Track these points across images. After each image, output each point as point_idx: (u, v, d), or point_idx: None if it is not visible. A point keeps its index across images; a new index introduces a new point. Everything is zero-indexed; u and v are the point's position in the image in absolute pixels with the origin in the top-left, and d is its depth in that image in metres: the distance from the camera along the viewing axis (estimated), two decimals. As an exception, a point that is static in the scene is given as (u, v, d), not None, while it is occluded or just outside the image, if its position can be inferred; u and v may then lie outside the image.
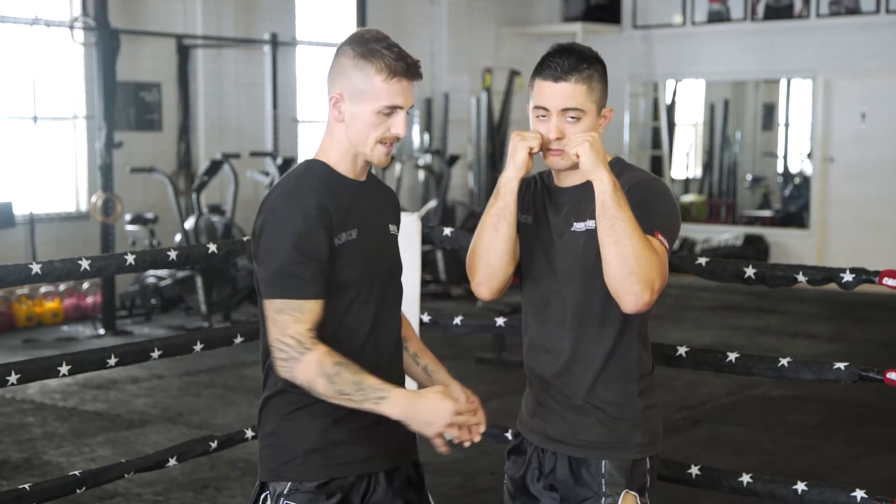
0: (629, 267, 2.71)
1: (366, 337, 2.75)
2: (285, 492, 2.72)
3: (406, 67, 2.68)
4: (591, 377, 2.91)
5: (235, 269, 10.27)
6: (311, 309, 2.63)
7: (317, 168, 2.75)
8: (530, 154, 2.86)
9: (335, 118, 2.74)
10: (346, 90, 2.70)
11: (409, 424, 2.62)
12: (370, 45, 2.68)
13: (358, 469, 2.74)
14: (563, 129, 2.85)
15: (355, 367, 2.61)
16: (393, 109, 2.69)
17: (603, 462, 2.90)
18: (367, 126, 2.70)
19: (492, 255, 2.90)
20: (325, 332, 2.69)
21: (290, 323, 2.62)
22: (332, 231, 2.66)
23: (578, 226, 2.90)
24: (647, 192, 2.85)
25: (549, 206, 2.97)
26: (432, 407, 2.60)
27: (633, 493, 2.90)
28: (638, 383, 2.95)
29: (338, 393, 2.60)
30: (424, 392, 2.63)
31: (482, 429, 2.73)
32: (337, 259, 2.68)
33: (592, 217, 2.87)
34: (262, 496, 2.78)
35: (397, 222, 2.93)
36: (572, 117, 2.85)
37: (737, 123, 16.46)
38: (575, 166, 2.89)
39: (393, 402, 2.60)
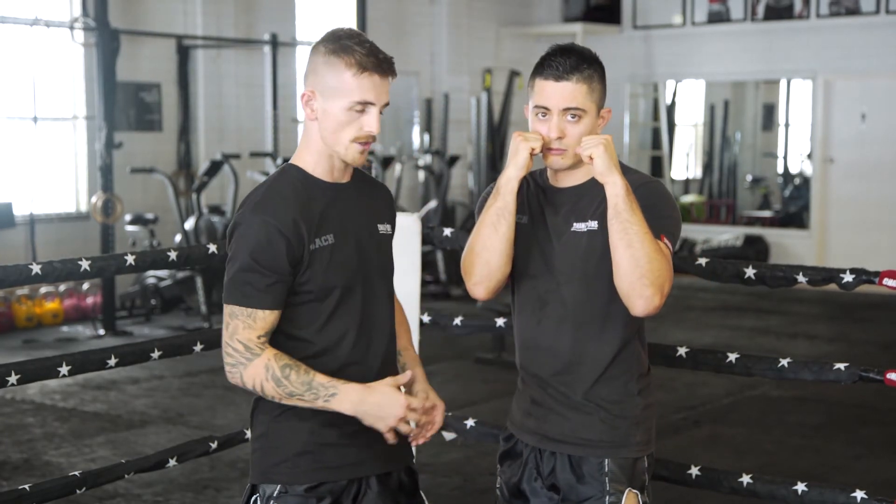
0: (641, 270, 2.72)
1: (355, 340, 2.73)
2: (275, 494, 2.71)
3: (377, 62, 2.65)
4: (592, 377, 2.92)
5: (235, 269, 10.26)
6: (263, 318, 2.64)
7: (291, 174, 2.73)
8: (531, 154, 2.86)
9: (308, 116, 2.71)
10: (317, 87, 2.68)
11: (362, 419, 2.62)
12: (342, 42, 2.66)
13: (348, 473, 2.73)
14: (564, 129, 2.86)
15: (304, 367, 2.63)
16: (364, 105, 2.66)
17: (606, 461, 2.90)
18: (339, 124, 2.67)
19: (491, 254, 2.90)
20: (311, 337, 2.70)
21: (240, 329, 2.64)
22: (302, 240, 2.65)
23: (579, 226, 2.90)
24: (651, 196, 2.86)
25: (546, 206, 2.97)
26: (383, 401, 2.61)
27: (634, 491, 2.91)
28: (638, 382, 2.96)
29: (287, 395, 2.62)
30: (375, 385, 2.64)
31: (434, 430, 2.78)
32: (313, 265, 2.67)
33: (594, 217, 2.88)
34: (253, 498, 2.77)
35: (391, 220, 2.90)
36: (573, 116, 2.85)
37: (737, 124, 16.46)
38: (574, 166, 2.91)
39: (343, 398, 2.61)
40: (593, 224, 2.88)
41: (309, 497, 2.69)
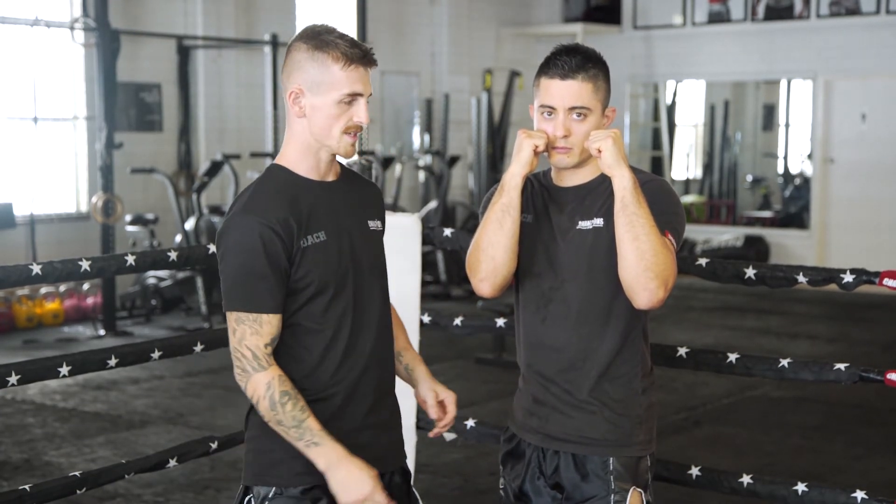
0: (646, 263, 2.73)
1: (349, 336, 2.73)
2: (270, 496, 2.71)
3: (362, 54, 2.68)
4: (597, 374, 2.92)
5: (236, 269, 10.26)
6: (269, 322, 2.64)
7: (276, 174, 2.73)
8: (535, 152, 2.87)
9: (296, 114, 2.71)
10: (304, 83, 2.68)
11: (328, 480, 2.64)
12: (323, 37, 2.69)
13: None
14: (569, 128, 2.87)
15: (302, 402, 2.63)
16: (353, 97, 2.68)
17: (611, 460, 2.90)
18: (329, 117, 2.68)
19: (496, 250, 2.90)
20: (305, 335, 2.70)
21: (248, 335, 2.63)
22: (294, 238, 2.65)
23: (585, 224, 2.91)
24: (656, 193, 2.87)
25: (550, 204, 2.97)
26: (353, 477, 2.62)
27: (639, 490, 2.91)
28: (642, 381, 2.96)
29: (276, 422, 2.63)
30: (356, 461, 2.64)
31: (450, 421, 2.98)
32: (305, 262, 2.67)
33: (599, 215, 2.88)
34: (246, 499, 2.76)
35: (381, 217, 2.90)
36: (579, 115, 2.86)
37: (737, 124, 16.46)
38: (578, 165, 2.91)
39: (322, 453, 2.62)
40: (599, 221, 2.89)
41: (303, 499, 2.69)
